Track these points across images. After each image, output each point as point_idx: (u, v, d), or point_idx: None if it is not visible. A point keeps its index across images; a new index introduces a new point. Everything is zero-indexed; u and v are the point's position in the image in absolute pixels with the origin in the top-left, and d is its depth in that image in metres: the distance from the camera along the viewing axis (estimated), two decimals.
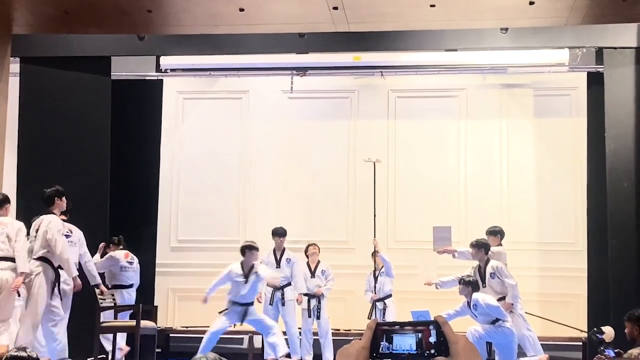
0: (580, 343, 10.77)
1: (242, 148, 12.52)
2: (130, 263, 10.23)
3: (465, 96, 12.24)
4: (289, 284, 10.72)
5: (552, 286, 11.33)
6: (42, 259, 8.30)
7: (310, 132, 12.39)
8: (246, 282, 9.89)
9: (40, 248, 8.31)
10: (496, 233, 10.32)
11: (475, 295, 9.24)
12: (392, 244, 11.68)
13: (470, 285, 9.31)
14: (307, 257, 10.88)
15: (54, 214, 8.53)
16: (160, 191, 11.94)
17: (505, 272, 9.71)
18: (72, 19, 9.31)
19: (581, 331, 10.81)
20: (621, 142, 10.12)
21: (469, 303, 9.31)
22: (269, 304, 10.64)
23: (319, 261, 10.89)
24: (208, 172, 12.47)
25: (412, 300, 10.90)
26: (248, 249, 9.97)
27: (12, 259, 8.11)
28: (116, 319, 9.55)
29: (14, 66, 10.45)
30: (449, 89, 12.19)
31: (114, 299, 9.64)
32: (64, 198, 8.66)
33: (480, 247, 9.82)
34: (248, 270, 9.94)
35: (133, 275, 10.24)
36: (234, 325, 10.20)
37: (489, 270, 9.72)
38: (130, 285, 10.18)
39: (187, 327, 11.91)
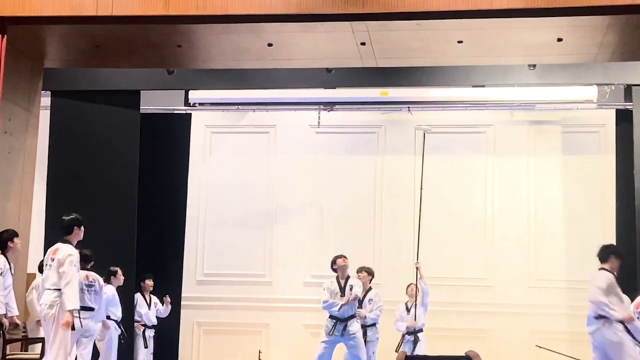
0: None
1: (269, 182, 12.55)
2: (90, 286, 9.17)
3: (493, 132, 12.21)
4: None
5: (581, 325, 11.10)
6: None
7: (337, 167, 12.40)
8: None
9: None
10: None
11: None
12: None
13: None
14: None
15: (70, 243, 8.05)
16: (187, 224, 11.98)
17: None
18: (103, 54, 9.42)
19: None
20: None
21: None
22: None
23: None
24: (235, 206, 12.50)
25: (440, 337, 10.82)
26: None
27: None
28: (26, 350, 9.12)
29: (45, 99, 10.57)
30: (476, 125, 12.17)
31: (24, 331, 9.16)
32: (82, 227, 8.18)
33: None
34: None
35: (94, 299, 9.22)
36: None
37: None
38: (91, 309, 9.16)
39: None
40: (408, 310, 10.39)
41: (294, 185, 12.50)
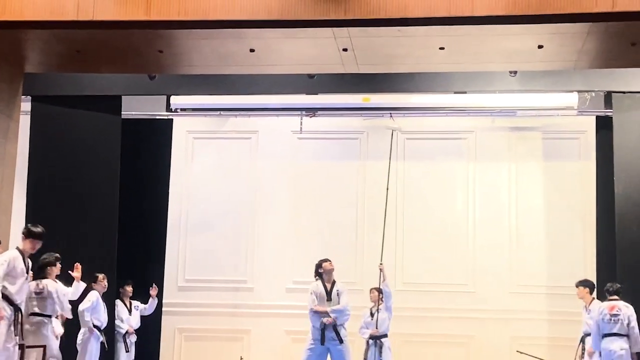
0: None
1: (251, 188, 12.53)
2: (38, 293, 8.72)
3: (474, 138, 12.25)
4: None
5: (561, 330, 11.22)
6: None
7: (319, 173, 12.40)
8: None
9: None
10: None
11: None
12: (399, 285, 11.60)
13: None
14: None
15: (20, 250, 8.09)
16: (169, 230, 11.93)
17: None
18: (84, 59, 9.38)
19: None
20: (630, 185, 10.10)
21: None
22: None
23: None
24: (216, 212, 12.47)
25: (419, 343, 10.83)
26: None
27: None
28: None
29: (25, 104, 10.51)
30: (457, 131, 12.21)
31: None
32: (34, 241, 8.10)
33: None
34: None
35: (45, 306, 8.78)
36: None
37: None
38: (44, 315, 8.81)
39: None
40: (372, 315, 10.30)
41: (276, 191, 12.49)
